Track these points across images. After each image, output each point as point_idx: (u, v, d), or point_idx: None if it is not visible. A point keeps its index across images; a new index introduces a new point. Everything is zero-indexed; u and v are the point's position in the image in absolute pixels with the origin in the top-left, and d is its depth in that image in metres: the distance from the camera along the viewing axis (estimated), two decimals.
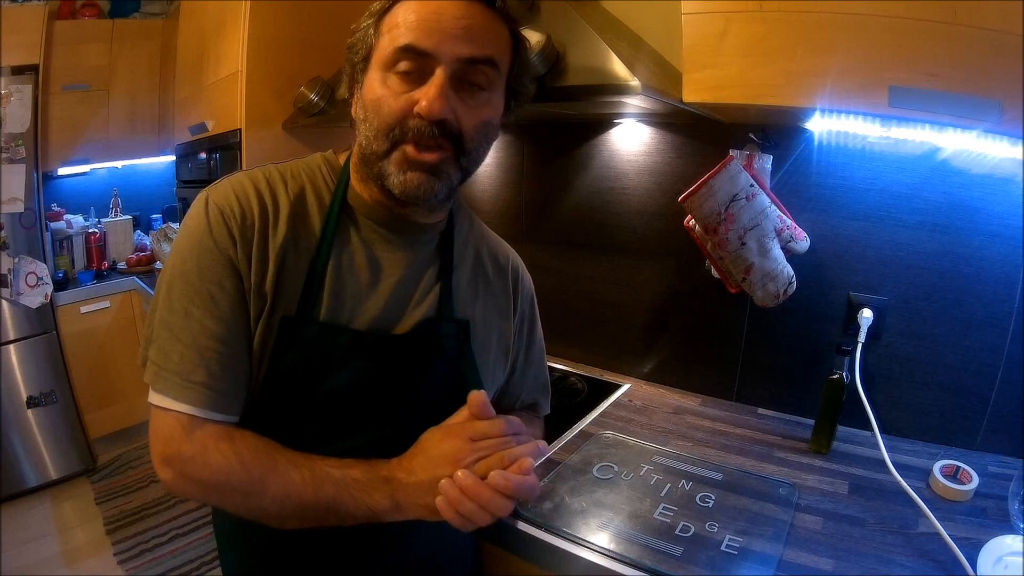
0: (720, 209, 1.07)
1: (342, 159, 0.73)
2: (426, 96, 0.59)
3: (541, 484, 0.71)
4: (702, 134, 1.27)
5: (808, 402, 1.17)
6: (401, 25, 0.61)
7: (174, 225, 2.58)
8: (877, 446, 0.97)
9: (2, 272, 2.15)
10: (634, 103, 1.06)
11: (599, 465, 1.02)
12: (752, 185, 1.08)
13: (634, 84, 0.90)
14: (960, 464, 0.94)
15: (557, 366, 1.53)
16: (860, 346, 1.08)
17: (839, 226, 1.14)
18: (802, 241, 1.14)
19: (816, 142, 1.13)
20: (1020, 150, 0.90)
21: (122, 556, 1.99)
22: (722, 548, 0.80)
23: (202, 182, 2.08)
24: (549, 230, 1.58)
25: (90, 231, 2.65)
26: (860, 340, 1.08)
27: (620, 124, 1.39)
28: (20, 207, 2.17)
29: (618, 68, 0.92)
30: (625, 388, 1.40)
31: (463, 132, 0.62)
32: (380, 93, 0.62)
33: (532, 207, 1.60)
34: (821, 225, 1.15)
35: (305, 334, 0.65)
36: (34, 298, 2.23)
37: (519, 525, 0.85)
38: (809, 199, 1.16)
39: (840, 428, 1.08)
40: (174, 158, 2.48)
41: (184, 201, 2.39)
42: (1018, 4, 0.64)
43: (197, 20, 2.11)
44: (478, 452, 0.61)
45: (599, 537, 0.82)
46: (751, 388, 1.30)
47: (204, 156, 2.07)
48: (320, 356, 0.66)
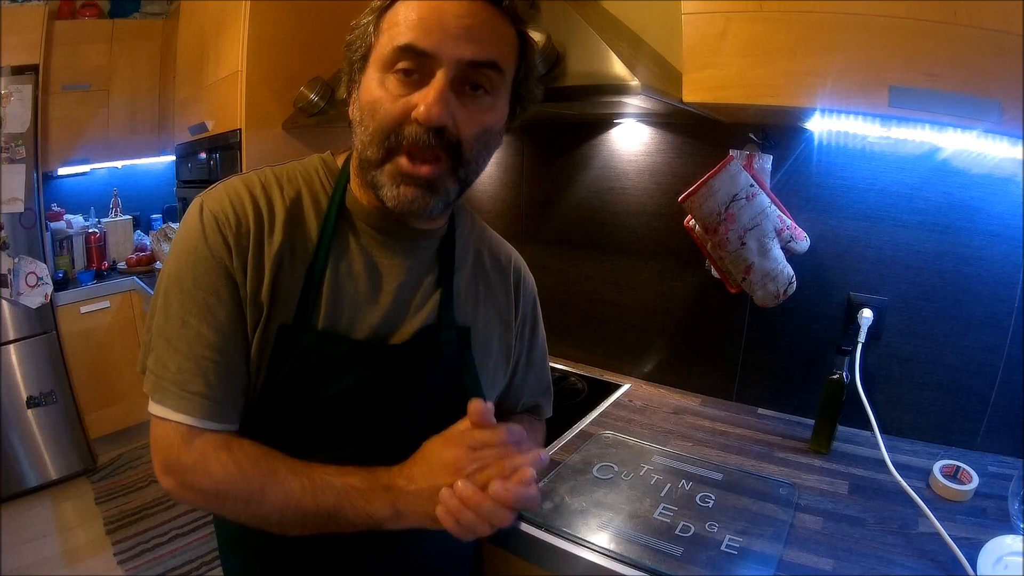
0: (720, 209, 1.07)
1: (340, 161, 0.72)
2: (424, 101, 0.57)
3: (541, 485, 0.70)
4: (702, 134, 1.26)
5: (808, 402, 1.18)
6: (401, 23, 0.58)
7: (174, 225, 2.58)
8: (877, 446, 0.97)
9: (2, 272, 2.15)
10: (634, 103, 1.06)
11: (599, 465, 1.02)
12: (752, 185, 1.08)
13: (634, 84, 0.90)
14: (960, 464, 0.95)
15: (557, 366, 1.53)
16: (860, 346, 1.08)
17: (839, 226, 1.14)
18: (802, 241, 1.14)
19: (816, 142, 1.13)
20: (1020, 150, 0.90)
21: (122, 556, 1.99)
22: (722, 548, 0.80)
23: (202, 182, 2.08)
24: (549, 230, 1.58)
25: (90, 231, 2.65)
26: (860, 340, 1.08)
27: (620, 124, 1.38)
28: (20, 207, 2.17)
29: (618, 68, 0.92)
30: (625, 388, 1.40)
31: (462, 140, 0.60)
32: (377, 95, 0.59)
33: (532, 207, 1.60)
34: (821, 225, 1.15)
35: (303, 342, 0.64)
36: (34, 298, 2.23)
37: (520, 526, 0.85)
38: (809, 199, 1.16)
39: (840, 428, 1.08)
40: (174, 158, 2.48)
41: (184, 201, 2.39)
42: (1018, 4, 0.64)
43: (197, 20, 2.11)
44: (478, 461, 0.60)
45: (599, 537, 0.83)
46: (751, 388, 1.30)
47: (204, 156, 2.07)
48: (318, 364, 0.65)
